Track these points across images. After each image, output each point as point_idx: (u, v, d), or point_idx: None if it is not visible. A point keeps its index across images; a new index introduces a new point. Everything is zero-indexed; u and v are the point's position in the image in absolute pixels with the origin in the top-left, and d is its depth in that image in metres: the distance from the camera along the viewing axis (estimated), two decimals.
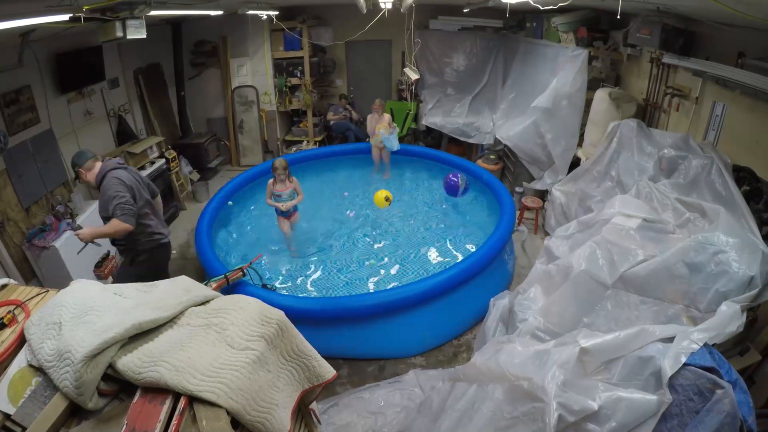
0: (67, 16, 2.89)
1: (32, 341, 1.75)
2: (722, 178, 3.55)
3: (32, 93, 4.72)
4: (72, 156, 3.57)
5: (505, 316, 3.61)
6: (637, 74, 5.69)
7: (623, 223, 3.36)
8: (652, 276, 2.94)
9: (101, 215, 3.45)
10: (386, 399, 3.48)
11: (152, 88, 7.19)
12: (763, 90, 3.32)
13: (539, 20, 6.85)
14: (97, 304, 1.85)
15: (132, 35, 3.34)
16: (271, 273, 4.92)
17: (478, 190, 6.37)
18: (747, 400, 1.91)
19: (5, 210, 4.37)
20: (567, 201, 5.28)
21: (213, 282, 3.74)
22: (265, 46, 8.01)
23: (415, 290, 3.97)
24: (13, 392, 1.64)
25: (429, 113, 8.05)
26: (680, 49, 4.31)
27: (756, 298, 2.63)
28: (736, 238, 2.84)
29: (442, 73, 8.47)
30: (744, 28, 3.55)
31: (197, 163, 7.56)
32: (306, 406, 2.15)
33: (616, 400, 1.90)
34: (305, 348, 1.99)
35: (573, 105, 5.73)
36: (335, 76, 9.35)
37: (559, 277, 3.33)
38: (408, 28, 6.81)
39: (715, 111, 4.24)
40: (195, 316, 1.88)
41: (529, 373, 2.16)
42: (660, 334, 2.15)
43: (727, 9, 2.52)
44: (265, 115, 8.36)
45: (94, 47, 5.41)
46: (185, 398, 1.57)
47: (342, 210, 6.28)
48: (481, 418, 2.25)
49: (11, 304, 2.01)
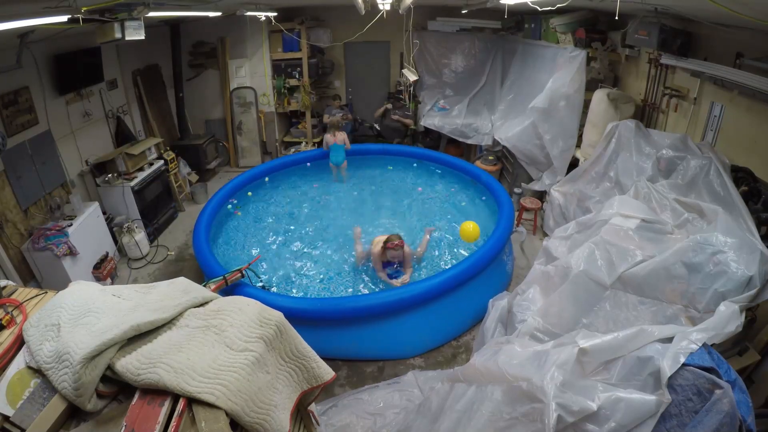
0: (66, 17, 2.89)
1: (31, 343, 1.75)
2: (720, 178, 3.56)
3: (31, 94, 4.72)
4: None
5: (504, 317, 3.62)
6: (635, 75, 5.70)
7: (622, 224, 3.36)
8: (650, 276, 2.94)
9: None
10: (385, 400, 3.48)
11: (151, 90, 7.19)
12: (761, 90, 3.32)
13: (537, 21, 6.86)
14: (96, 306, 1.85)
15: (130, 36, 3.34)
16: (269, 274, 4.91)
17: (477, 191, 6.38)
18: (746, 399, 1.91)
19: (4, 211, 4.36)
20: (565, 202, 5.29)
21: (212, 283, 3.74)
22: (264, 47, 8.01)
23: (414, 291, 3.97)
24: (11, 394, 1.63)
25: (427, 114, 8.06)
26: (678, 50, 4.32)
27: (754, 298, 2.64)
28: (735, 238, 2.84)
29: (441, 74, 8.47)
30: (742, 28, 3.56)
31: (196, 164, 7.56)
32: (305, 408, 2.15)
33: (615, 401, 1.90)
34: (304, 349, 1.99)
35: (571, 106, 5.74)
36: (334, 77, 9.35)
37: (557, 277, 3.33)
38: (406, 30, 6.83)
39: (713, 111, 4.25)
40: (194, 318, 1.88)
41: (528, 374, 2.16)
42: (659, 335, 2.15)
43: (724, 9, 2.53)
44: (264, 117, 8.36)
45: (93, 48, 5.41)
46: (184, 400, 1.57)
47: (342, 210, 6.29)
48: (480, 419, 2.25)
49: (10, 304, 2.00)
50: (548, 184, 5.99)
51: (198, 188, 7.26)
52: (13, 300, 2.04)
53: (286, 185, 6.95)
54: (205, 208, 5.55)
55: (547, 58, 6.42)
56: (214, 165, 8.01)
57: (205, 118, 8.48)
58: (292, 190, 6.84)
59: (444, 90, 8.48)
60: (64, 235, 4.56)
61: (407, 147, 7.87)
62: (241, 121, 8.37)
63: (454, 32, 8.22)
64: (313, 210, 6.28)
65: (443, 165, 7.11)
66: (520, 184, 6.52)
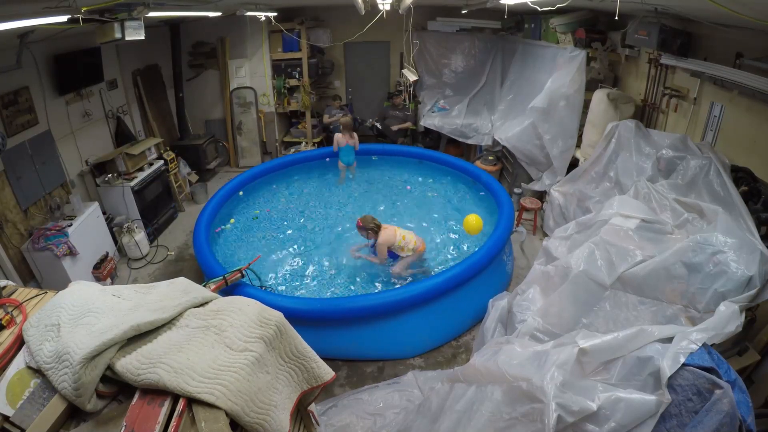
0: (66, 17, 2.89)
1: (31, 343, 1.75)
2: (720, 178, 3.56)
3: (30, 94, 4.72)
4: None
5: (504, 317, 3.62)
6: (635, 75, 5.70)
7: (622, 224, 3.36)
8: (650, 276, 2.94)
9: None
10: (385, 400, 3.48)
11: (151, 90, 7.19)
12: (760, 90, 3.33)
13: (537, 21, 6.86)
14: (96, 306, 1.85)
15: (130, 36, 3.34)
16: (269, 274, 4.91)
17: (477, 191, 6.38)
18: (746, 399, 1.91)
19: (3, 212, 4.36)
20: (565, 202, 5.29)
21: (211, 283, 3.74)
22: (264, 47, 8.01)
23: (414, 291, 3.97)
24: (11, 394, 1.63)
25: (427, 114, 8.06)
26: (678, 50, 4.32)
27: (754, 298, 2.64)
28: (735, 239, 2.84)
29: (441, 75, 8.47)
30: (742, 28, 3.56)
31: (196, 164, 7.56)
32: (305, 408, 2.15)
33: (615, 401, 1.90)
34: (304, 349, 1.99)
35: (571, 106, 5.74)
36: (333, 77, 9.36)
37: (557, 277, 3.33)
38: (406, 30, 6.83)
39: (713, 111, 4.25)
40: (194, 318, 1.88)
41: (527, 374, 2.15)
42: (659, 335, 2.15)
43: (724, 9, 2.53)
44: (264, 117, 8.36)
45: (93, 48, 5.41)
46: (184, 400, 1.57)
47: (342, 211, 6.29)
48: (480, 419, 2.25)
49: (10, 304, 2.00)
50: (548, 184, 5.99)
51: (198, 188, 7.26)
52: (12, 300, 2.04)
53: (282, 185, 6.96)
54: (205, 208, 5.55)
55: (547, 58, 6.42)
56: (214, 165, 8.01)
57: (205, 118, 8.48)
58: (292, 190, 6.84)
59: (444, 90, 8.48)
60: (64, 235, 4.56)
61: (407, 147, 7.87)
62: (241, 121, 8.37)
63: (453, 32, 8.22)
64: (313, 210, 6.28)
65: (443, 165, 7.11)
66: (520, 184, 6.52)
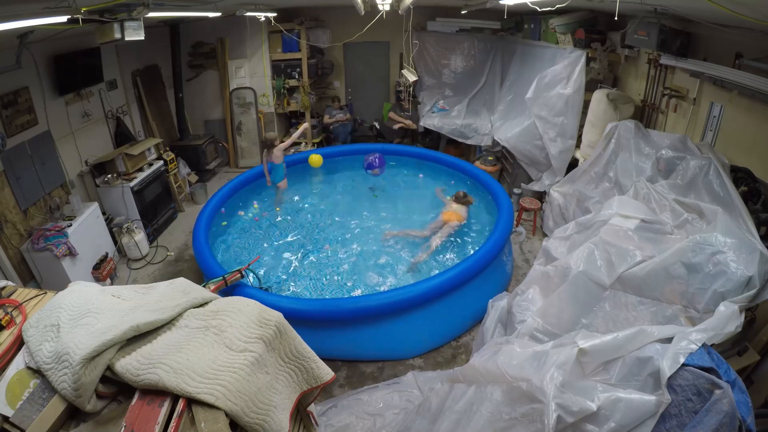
0: (65, 17, 2.88)
1: (30, 343, 1.74)
2: (720, 178, 3.56)
3: (30, 94, 4.72)
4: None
5: (504, 318, 3.62)
6: (634, 75, 5.70)
7: (621, 224, 3.37)
8: (650, 277, 2.94)
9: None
10: (385, 400, 3.48)
11: (150, 90, 7.19)
12: (760, 91, 3.33)
13: (537, 22, 6.86)
14: (96, 306, 1.85)
15: (130, 37, 3.33)
16: (269, 274, 4.91)
17: (476, 191, 6.37)
18: (745, 399, 1.91)
19: (3, 212, 4.36)
20: (565, 202, 5.29)
21: (211, 284, 3.74)
22: (263, 47, 8.01)
23: (413, 292, 3.96)
24: (11, 394, 1.63)
25: (427, 115, 8.06)
26: (678, 51, 4.32)
27: (754, 298, 2.64)
28: (734, 239, 2.85)
29: (440, 75, 8.48)
30: (741, 29, 3.57)
31: (195, 164, 7.56)
32: (304, 408, 2.15)
33: (615, 401, 1.90)
34: (304, 350, 1.99)
35: (571, 106, 5.74)
36: (333, 78, 9.35)
37: (557, 278, 3.33)
38: (406, 30, 6.83)
39: (712, 112, 4.26)
40: (193, 318, 1.88)
41: (527, 374, 2.16)
42: (658, 335, 2.15)
43: (723, 9, 2.53)
44: (263, 117, 8.36)
45: (92, 49, 5.41)
46: (184, 400, 1.57)
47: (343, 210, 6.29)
48: (480, 420, 2.25)
49: (10, 304, 2.00)
50: (548, 184, 5.99)
51: (197, 189, 7.26)
52: (12, 300, 2.03)
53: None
54: (204, 209, 5.55)
55: (546, 58, 6.41)
56: (214, 165, 8.01)
57: (204, 118, 8.49)
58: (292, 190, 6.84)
59: (443, 90, 8.48)
60: (63, 236, 4.56)
61: (407, 147, 7.88)
62: (241, 121, 8.37)
63: (453, 33, 8.22)
64: (312, 210, 6.28)
65: (443, 165, 7.11)
66: (520, 185, 6.52)
